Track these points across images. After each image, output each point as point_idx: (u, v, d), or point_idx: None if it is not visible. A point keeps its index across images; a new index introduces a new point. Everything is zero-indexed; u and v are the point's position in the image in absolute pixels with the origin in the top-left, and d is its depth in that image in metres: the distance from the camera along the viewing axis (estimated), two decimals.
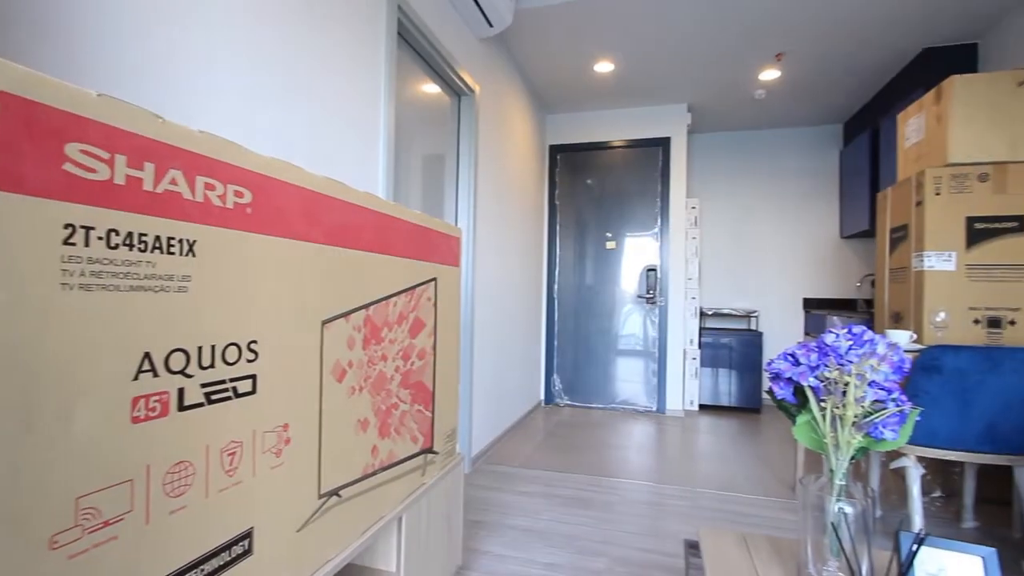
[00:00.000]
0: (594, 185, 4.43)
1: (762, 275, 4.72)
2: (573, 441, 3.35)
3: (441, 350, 1.32)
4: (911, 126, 2.73)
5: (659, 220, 4.24)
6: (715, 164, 4.84)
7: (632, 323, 4.31)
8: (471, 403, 2.76)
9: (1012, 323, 2.30)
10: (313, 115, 1.52)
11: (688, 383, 4.23)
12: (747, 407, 4.24)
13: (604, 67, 3.52)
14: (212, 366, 0.63)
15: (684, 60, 3.39)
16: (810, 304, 4.57)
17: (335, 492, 0.90)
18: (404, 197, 2.27)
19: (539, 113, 4.25)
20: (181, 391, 0.60)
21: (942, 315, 2.28)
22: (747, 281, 4.75)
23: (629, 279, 4.32)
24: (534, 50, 3.32)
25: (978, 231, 2.35)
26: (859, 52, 3.23)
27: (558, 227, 4.49)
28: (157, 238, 0.56)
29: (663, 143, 4.22)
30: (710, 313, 4.57)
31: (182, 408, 0.60)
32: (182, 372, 0.60)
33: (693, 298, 4.21)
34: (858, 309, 4.32)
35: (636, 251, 4.31)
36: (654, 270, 4.23)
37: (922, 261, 2.43)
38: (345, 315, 0.92)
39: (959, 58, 3.08)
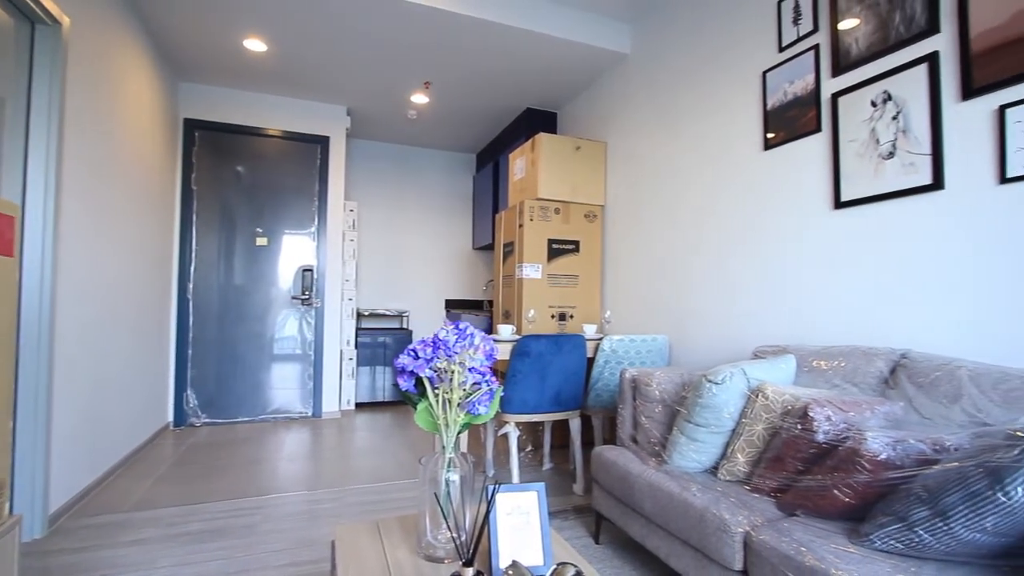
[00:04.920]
0: (245, 174, 3.97)
1: (412, 278, 5.20)
2: (210, 465, 2.91)
3: None
4: (518, 165, 3.51)
5: (316, 219, 4.13)
6: (373, 171, 5.05)
7: (288, 326, 4.06)
8: (47, 441, 2.05)
9: (572, 316, 3.24)
10: None
11: (345, 383, 4.27)
12: (401, 400, 4.59)
13: (256, 45, 3.20)
14: None
15: (343, 61, 3.41)
16: (450, 304, 5.30)
17: None
18: None
19: (169, 77, 3.53)
20: None
21: (532, 312, 3.01)
22: (400, 283, 5.15)
23: (285, 279, 4.05)
24: None
25: (554, 249, 3.22)
26: (486, 98, 3.94)
27: (195, 217, 3.82)
28: None
29: (322, 141, 4.14)
30: (367, 314, 4.75)
31: None
32: None
33: (350, 299, 4.28)
34: (484, 309, 5.27)
35: (292, 250, 4.08)
36: (311, 270, 4.10)
37: (522, 270, 3.15)
38: None
39: (548, 120, 4.13)
